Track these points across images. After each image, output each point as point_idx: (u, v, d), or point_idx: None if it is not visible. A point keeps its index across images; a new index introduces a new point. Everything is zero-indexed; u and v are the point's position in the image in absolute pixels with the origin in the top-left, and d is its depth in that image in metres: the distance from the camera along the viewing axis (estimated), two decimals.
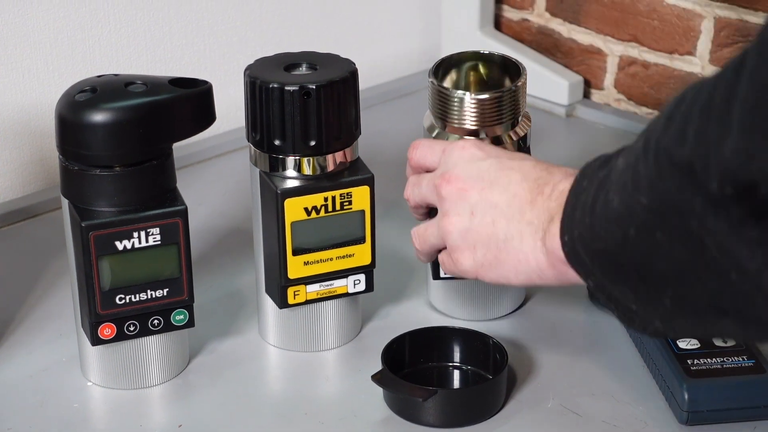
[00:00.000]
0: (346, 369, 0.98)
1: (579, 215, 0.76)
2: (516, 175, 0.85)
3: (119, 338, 0.91)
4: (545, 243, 0.81)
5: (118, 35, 1.27)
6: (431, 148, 0.92)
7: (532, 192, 0.83)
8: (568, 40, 1.46)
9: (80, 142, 0.87)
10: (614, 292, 0.75)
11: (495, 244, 0.84)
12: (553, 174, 0.84)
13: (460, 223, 0.86)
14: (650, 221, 0.68)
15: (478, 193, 0.85)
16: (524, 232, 0.82)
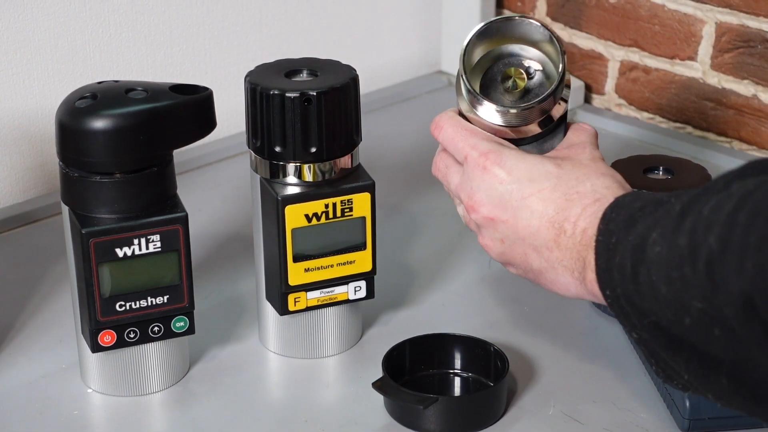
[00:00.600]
0: (346, 376, 0.98)
1: (618, 277, 0.75)
2: (537, 205, 0.83)
3: (119, 345, 0.91)
4: (586, 286, 0.80)
5: (119, 41, 1.27)
6: (454, 144, 0.88)
7: (554, 228, 0.82)
8: (569, 44, 1.46)
9: (80, 148, 0.87)
10: (662, 356, 0.74)
11: (532, 272, 0.85)
12: (572, 204, 0.82)
13: (494, 248, 0.86)
14: (706, 318, 0.67)
15: (504, 225, 0.85)
16: (557, 268, 0.83)
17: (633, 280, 0.73)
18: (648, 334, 0.74)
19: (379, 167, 1.04)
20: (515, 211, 0.84)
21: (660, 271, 0.70)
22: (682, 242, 0.68)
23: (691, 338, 0.70)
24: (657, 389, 0.94)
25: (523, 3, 1.49)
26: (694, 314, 0.68)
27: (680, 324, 0.70)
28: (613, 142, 1.37)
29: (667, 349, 0.73)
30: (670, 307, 0.70)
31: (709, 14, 1.32)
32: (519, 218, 0.84)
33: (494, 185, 0.85)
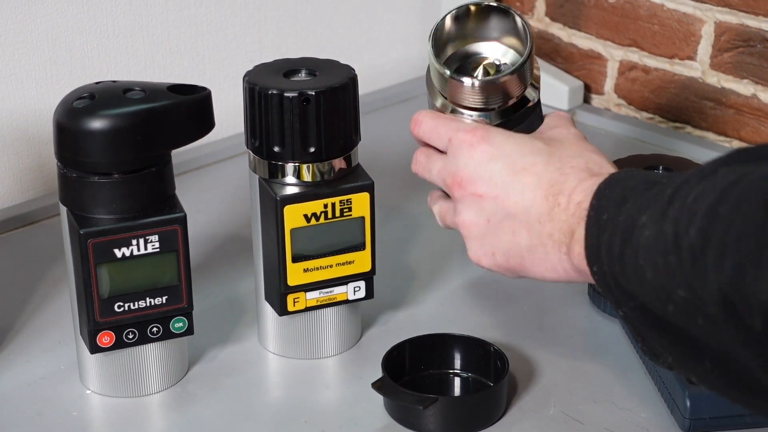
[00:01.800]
0: (346, 376, 0.98)
1: (605, 255, 0.74)
2: (529, 179, 0.82)
3: (118, 346, 0.91)
4: (572, 260, 0.79)
5: (117, 41, 1.27)
6: (436, 131, 0.87)
7: (548, 201, 0.80)
8: (569, 44, 1.46)
9: (78, 149, 0.87)
10: (648, 336, 0.74)
11: (518, 253, 0.82)
12: (567, 177, 0.81)
13: (477, 229, 0.84)
14: (689, 308, 0.66)
15: (492, 201, 0.83)
16: (547, 244, 0.80)
17: (619, 261, 0.72)
18: (633, 314, 0.73)
19: (378, 167, 1.04)
20: (506, 186, 0.82)
21: (647, 256, 0.69)
22: (668, 230, 0.67)
23: (676, 323, 0.69)
24: (657, 389, 0.93)
25: (522, 3, 1.48)
26: (678, 302, 0.67)
27: (664, 310, 0.69)
28: (613, 142, 1.36)
29: (653, 330, 0.72)
30: (655, 293, 0.69)
31: (709, 14, 1.32)
32: (510, 193, 0.82)
33: (483, 161, 0.83)
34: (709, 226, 0.64)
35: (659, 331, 0.71)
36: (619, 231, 0.73)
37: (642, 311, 0.72)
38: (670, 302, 0.68)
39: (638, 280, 0.70)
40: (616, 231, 0.73)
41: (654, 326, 0.72)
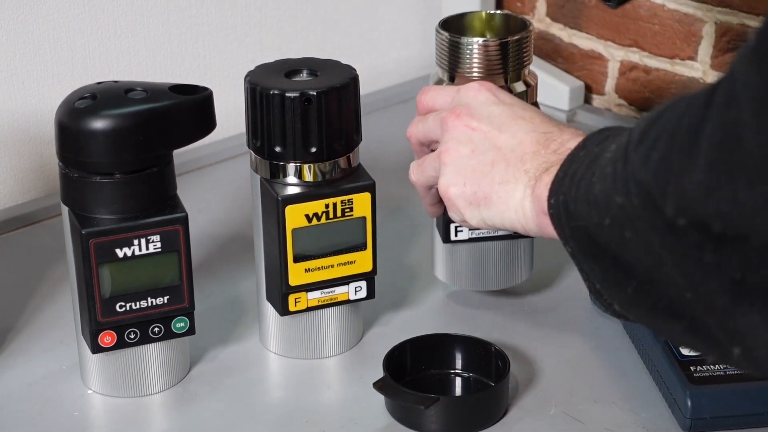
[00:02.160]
0: (347, 376, 0.98)
1: (567, 183, 0.77)
2: (526, 124, 0.85)
3: (120, 346, 0.91)
4: (534, 190, 0.81)
5: (118, 41, 1.27)
6: (444, 90, 0.92)
7: (538, 143, 0.83)
8: (569, 45, 1.46)
9: (80, 149, 0.87)
10: (584, 266, 0.76)
11: (489, 184, 0.84)
12: (563, 132, 0.84)
13: (458, 157, 0.86)
14: (622, 219, 0.69)
15: (483, 134, 0.85)
16: (519, 179, 0.83)
17: (577, 184, 0.75)
18: (577, 243, 0.75)
19: (380, 167, 1.04)
20: (501, 126, 0.85)
21: (601, 172, 0.72)
22: (623, 141, 0.70)
23: (609, 242, 0.71)
24: (659, 389, 0.93)
25: (522, 3, 1.48)
26: (614, 211, 0.69)
27: (602, 226, 0.71)
28: None
29: (590, 257, 0.74)
30: (598, 207, 0.71)
31: (709, 14, 1.32)
32: (503, 131, 0.85)
33: (485, 102, 0.87)
34: (649, 126, 0.67)
35: (595, 257, 0.74)
36: (587, 160, 0.75)
37: (584, 236, 0.74)
38: (608, 215, 0.70)
39: (586, 198, 0.73)
40: (585, 161, 0.76)
41: (590, 253, 0.74)
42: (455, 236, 0.99)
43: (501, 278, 1.03)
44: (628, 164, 0.68)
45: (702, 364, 0.91)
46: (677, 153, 0.63)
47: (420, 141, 0.92)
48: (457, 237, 0.99)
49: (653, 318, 0.71)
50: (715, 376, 0.89)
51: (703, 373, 0.90)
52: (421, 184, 0.92)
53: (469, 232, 0.99)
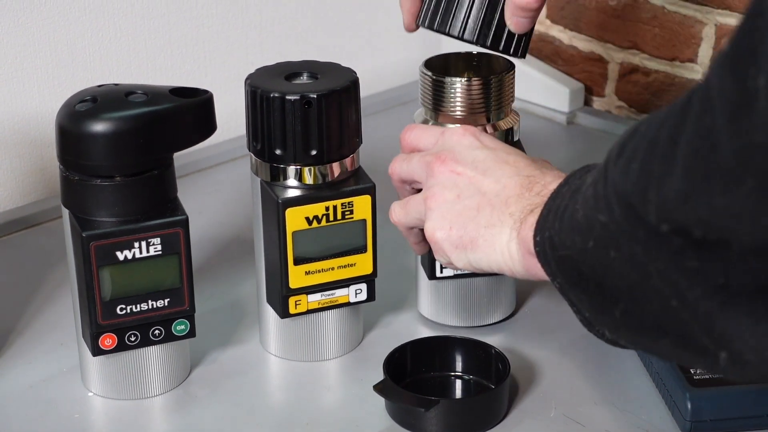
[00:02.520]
0: (347, 379, 0.98)
1: (551, 219, 0.78)
2: (510, 168, 0.86)
3: (120, 348, 0.91)
4: (519, 232, 0.82)
5: (118, 44, 1.27)
6: (428, 131, 0.93)
7: (522, 187, 0.85)
8: (569, 47, 1.46)
9: (81, 152, 0.87)
10: (572, 297, 0.78)
11: (474, 228, 0.85)
12: (546, 174, 0.86)
13: (444, 202, 0.87)
14: (606, 239, 0.70)
15: (468, 179, 0.86)
16: (505, 222, 0.84)
17: (560, 216, 0.76)
18: (563, 275, 0.77)
19: (379, 170, 1.04)
20: (486, 170, 0.86)
21: (583, 197, 0.73)
22: (602, 164, 0.71)
23: (594, 266, 0.72)
24: (658, 391, 0.93)
25: None
26: (597, 231, 0.70)
27: (586, 250, 0.72)
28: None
29: (577, 287, 0.76)
30: (582, 232, 0.72)
31: (709, 16, 1.32)
32: (487, 176, 0.86)
33: (470, 147, 0.88)
34: (627, 140, 0.68)
35: (581, 287, 0.75)
36: (570, 193, 0.77)
37: (568, 265, 0.75)
38: (591, 237, 0.71)
39: (570, 226, 0.74)
40: (568, 194, 0.77)
41: (577, 283, 0.75)
42: (441, 273, 0.99)
43: (485, 314, 1.03)
44: (608, 181, 0.68)
45: None
46: (656, 160, 0.64)
47: (402, 179, 0.93)
48: (442, 273, 0.99)
49: (641, 337, 0.72)
50: (715, 379, 0.90)
51: (703, 376, 0.90)
52: (403, 226, 0.93)
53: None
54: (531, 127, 1.37)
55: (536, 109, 1.43)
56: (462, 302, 1.02)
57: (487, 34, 0.93)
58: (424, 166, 0.89)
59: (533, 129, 1.38)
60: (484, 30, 0.93)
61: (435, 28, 0.94)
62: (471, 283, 1.01)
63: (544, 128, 1.41)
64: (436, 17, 0.94)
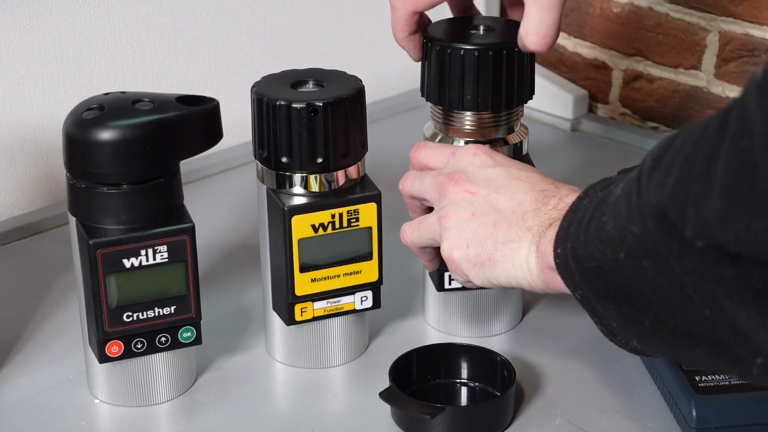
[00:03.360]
0: (353, 386, 0.98)
1: (574, 231, 0.78)
2: (523, 184, 0.87)
3: (127, 356, 0.91)
4: (538, 246, 0.82)
5: (124, 52, 1.28)
6: (439, 149, 0.93)
7: (537, 201, 0.85)
8: (573, 54, 1.46)
9: (88, 159, 0.87)
10: (598, 308, 0.77)
11: (492, 245, 0.85)
12: (560, 188, 0.86)
13: (459, 221, 0.87)
14: (639, 249, 0.70)
15: (483, 198, 0.87)
16: (523, 237, 0.84)
17: (585, 228, 0.76)
18: (588, 286, 0.76)
19: (385, 177, 1.04)
20: (499, 188, 0.87)
21: (612, 209, 0.73)
22: (634, 175, 0.70)
23: (623, 277, 0.72)
24: (664, 398, 0.94)
25: None
26: (629, 243, 0.70)
27: (617, 261, 0.72)
28: (617, 151, 1.37)
29: (604, 298, 0.75)
30: (612, 243, 0.72)
31: (713, 23, 1.33)
32: (502, 193, 0.86)
33: (482, 166, 0.88)
34: (662, 153, 0.67)
35: (609, 297, 0.75)
36: (593, 205, 0.76)
37: (595, 276, 0.75)
38: (622, 249, 0.71)
39: (598, 238, 0.74)
40: (590, 206, 0.77)
41: (604, 293, 0.75)
42: (449, 285, 0.99)
43: (492, 324, 1.03)
44: (642, 192, 0.68)
45: (707, 374, 0.91)
46: (693, 178, 0.63)
47: (412, 196, 0.93)
48: (451, 285, 0.99)
49: (673, 347, 0.72)
50: (721, 386, 0.90)
51: (708, 383, 0.90)
52: (415, 246, 0.93)
53: None
54: (535, 134, 1.37)
55: (540, 116, 1.43)
56: (469, 313, 1.02)
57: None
58: (437, 186, 0.89)
59: (537, 136, 1.38)
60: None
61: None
62: (478, 294, 1.01)
63: (548, 135, 1.41)
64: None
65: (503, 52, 0.93)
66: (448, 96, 0.94)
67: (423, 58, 0.96)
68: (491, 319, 1.03)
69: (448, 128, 0.97)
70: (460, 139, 0.96)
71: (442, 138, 0.97)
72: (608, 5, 1.41)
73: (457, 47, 0.93)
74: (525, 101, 0.97)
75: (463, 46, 0.93)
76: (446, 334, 1.03)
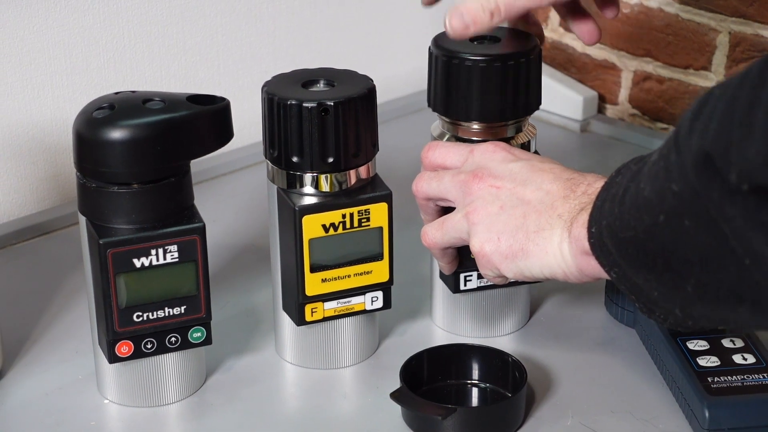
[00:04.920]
0: (363, 386, 0.98)
1: (608, 207, 0.77)
2: (548, 175, 0.87)
3: (136, 356, 0.91)
4: (571, 231, 0.82)
5: (133, 52, 1.27)
6: (455, 148, 0.92)
7: (565, 189, 0.85)
8: (582, 55, 1.46)
9: (98, 159, 0.87)
10: (638, 281, 0.77)
11: (524, 235, 0.85)
12: (586, 176, 0.86)
13: (487, 215, 0.86)
14: (679, 207, 0.70)
15: (509, 191, 0.86)
16: (554, 224, 0.83)
17: (620, 201, 0.76)
18: (625, 259, 0.76)
19: (394, 177, 1.04)
20: (525, 180, 0.86)
21: (648, 175, 0.73)
22: (670, 137, 0.71)
23: (663, 242, 0.72)
24: (676, 400, 0.93)
25: (536, 12, 1.48)
26: (669, 203, 0.70)
27: (656, 225, 0.72)
28: (627, 152, 1.36)
29: (643, 268, 0.75)
30: (650, 207, 0.72)
31: (723, 24, 1.32)
32: (528, 185, 0.86)
33: (504, 161, 0.88)
34: (702, 104, 0.68)
35: (648, 267, 0.75)
36: (626, 180, 0.76)
37: (633, 248, 0.75)
38: (661, 212, 0.71)
39: (635, 204, 0.74)
40: (624, 181, 0.77)
41: (643, 263, 0.75)
42: (464, 286, 0.99)
43: (500, 324, 1.03)
44: (681, 147, 0.68)
45: (720, 375, 0.90)
46: (736, 121, 0.64)
47: (429, 197, 0.92)
48: (466, 287, 0.99)
49: (718, 309, 0.72)
50: (733, 387, 0.89)
51: (720, 384, 0.90)
52: (439, 247, 0.92)
53: (478, 281, 0.99)
54: (545, 135, 1.37)
55: (550, 117, 1.43)
56: (477, 313, 1.02)
57: None
58: (459, 185, 0.89)
59: (547, 137, 1.38)
60: None
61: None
62: (486, 294, 1.01)
63: (558, 136, 1.40)
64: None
65: (510, 61, 0.93)
66: (454, 107, 0.95)
67: (429, 69, 0.96)
68: (499, 319, 1.02)
69: (455, 128, 0.97)
70: (470, 137, 0.96)
71: (449, 138, 0.97)
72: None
73: (463, 57, 0.93)
74: (531, 111, 0.97)
75: (469, 56, 0.93)
76: (454, 335, 1.03)
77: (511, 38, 0.97)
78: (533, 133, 0.99)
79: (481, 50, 0.94)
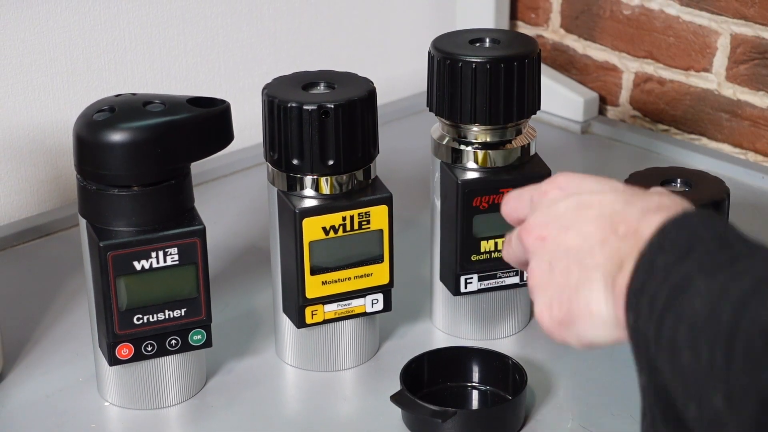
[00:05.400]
0: (364, 389, 0.98)
1: (645, 312, 0.65)
2: (591, 212, 0.74)
3: (137, 358, 0.91)
4: (615, 294, 0.69)
5: (134, 54, 1.27)
6: (520, 198, 0.81)
7: (604, 230, 0.72)
8: (583, 56, 1.46)
9: (98, 161, 0.87)
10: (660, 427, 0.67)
11: (567, 297, 0.72)
12: (631, 209, 0.72)
13: (540, 275, 0.76)
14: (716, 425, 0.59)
15: (554, 241, 0.75)
16: (593, 279, 0.71)
17: (657, 325, 0.64)
18: (652, 392, 0.66)
19: (394, 180, 1.04)
20: (569, 224, 0.74)
21: (688, 336, 0.61)
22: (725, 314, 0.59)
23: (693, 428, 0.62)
24: None
25: (537, 15, 1.49)
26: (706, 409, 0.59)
27: (685, 409, 0.61)
28: (628, 154, 1.36)
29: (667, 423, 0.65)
30: (683, 383, 0.61)
31: (724, 26, 1.32)
32: (570, 230, 0.74)
33: (555, 201, 0.76)
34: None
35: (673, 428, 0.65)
36: (668, 285, 0.64)
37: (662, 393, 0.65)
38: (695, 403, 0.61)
39: (670, 356, 0.62)
40: (665, 283, 0.64)
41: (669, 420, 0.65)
42: (464, 288, 0.99)
43: (500, 327, 1.03)
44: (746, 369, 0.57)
45: None
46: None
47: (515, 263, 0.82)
48: (467, 289, 0.99)
49: None
50: None
51: None
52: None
53: (479, 282, 0.99)
54: (545, 136, 1.37)
55: (551, 118, 1.43)
56: (477, 316, 1.02)
57: None
58: (519, 242, 0.78)
59: (548, 138, 1.38)
60: None
61: None
62: (485, 296, 1.01)
63: (559, 138, 1.40)
64: None
65: (513, 63, 0.93)
66: (454, 109, 0.95)
67: (428, 71, 0.96)
68: (499, 322, 1.02)
69: (455, 131, 0.97)
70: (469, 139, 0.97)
71: (449, 140, 0.97)
72: (619, 7, 1.40)
73: (463, 60, 0.93)
74: (531, 114, 0.97)
75: (469, 58, 0.93)
76: (454, 337, 1.02)
77: (510, 41, 0.97)
78: (533, 135, 0.99)
79: (480, 53, 0.94)
